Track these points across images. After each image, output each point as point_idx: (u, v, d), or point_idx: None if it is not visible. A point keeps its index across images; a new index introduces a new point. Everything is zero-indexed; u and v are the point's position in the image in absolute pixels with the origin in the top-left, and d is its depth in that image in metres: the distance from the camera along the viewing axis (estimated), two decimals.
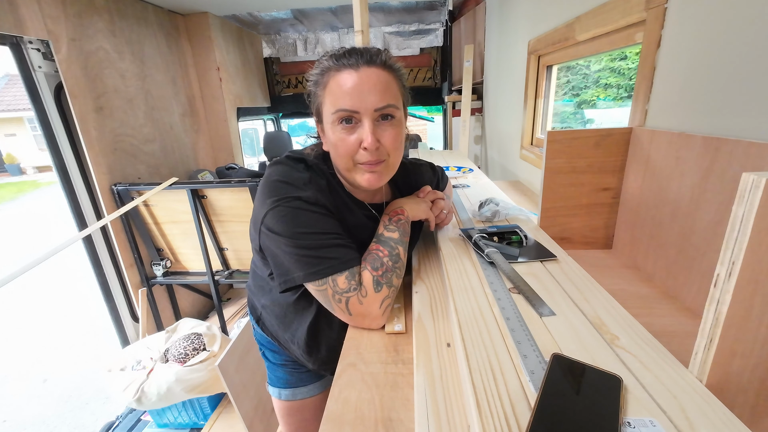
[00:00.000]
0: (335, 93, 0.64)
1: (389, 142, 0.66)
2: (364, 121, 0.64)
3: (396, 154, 0.70)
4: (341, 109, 0.63)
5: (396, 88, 0.67)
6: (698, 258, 0.65)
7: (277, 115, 4.18)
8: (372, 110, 0.63)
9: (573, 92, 6.89)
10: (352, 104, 0.63)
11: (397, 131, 0.67)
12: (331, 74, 0.65)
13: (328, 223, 0.65)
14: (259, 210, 0.66)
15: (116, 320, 2.15)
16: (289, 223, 0.62)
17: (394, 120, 0.66)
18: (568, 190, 0.90)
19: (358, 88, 0.62)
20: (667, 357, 0.44)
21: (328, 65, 0.65)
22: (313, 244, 0.63)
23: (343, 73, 0.63)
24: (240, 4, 2.60)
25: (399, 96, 0.68)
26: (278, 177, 0.67)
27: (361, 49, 0.65)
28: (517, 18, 1.91)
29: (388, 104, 0.64)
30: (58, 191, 1.90)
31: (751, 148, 0.54)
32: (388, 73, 0.65)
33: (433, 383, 0.50)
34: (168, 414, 1.80)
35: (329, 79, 0.65)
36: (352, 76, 0.63)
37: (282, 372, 0.90)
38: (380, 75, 0.64)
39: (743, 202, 0.35)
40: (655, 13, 0.80)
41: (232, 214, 2.04)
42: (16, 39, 1.62)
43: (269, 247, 0.66)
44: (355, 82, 0.62)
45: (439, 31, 3.58)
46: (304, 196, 0.64)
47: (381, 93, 0.63)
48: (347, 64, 0.63)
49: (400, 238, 0.71)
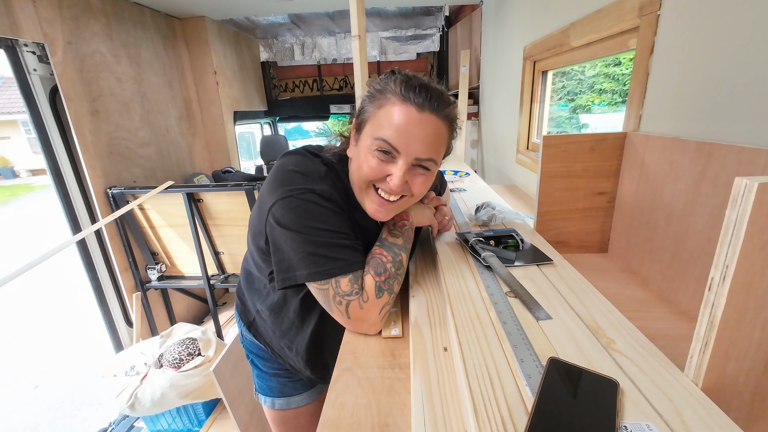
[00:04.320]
0: (387, 120, 0.60)
1: (417, 188, 0.66)
2: (400, 162, 0.62)
3: (416, 198, 0.69)
4: (384, 139, 0.60)
5: (445, 143, 0.65)
6: (693, 262, 0.65)
7: (273, 119, 4.18)
8: (414, 157, 0.61)
9: (568, 97, 6.96)
10: (398, 143, 0.60)
11: (428, 180, 0.67)
12: (393, 100, 0.61)
13: (338, 221, 0.64)
14: (268, 198, 0.63)
15: (110, 325, 2.13)
16: (300, 217, 0.60)
17: (429, 172, 0.65)
18: (563, 194, 0.91)
19: (410, 130, 0.59)
20: (663, 360, 0.44)
21: (395, 90, 0.61)
22: (321, 242, 0.61)
23: (405, 107, 0.60)
24: (237, 8, 2.60)
25: (443, 149, 0.66)
26: (294, 167, 0.64)
27: (434, 92, 0.61)
28: (512, 24, 1.93)
29: (430, 158, 0.62)
30: (53, 194, 1.89)
31: (743, 153, 0.55)
32: (446, 127, 0.64)
33: (430, 388, 0.50)
34: (162, 420, 1.78)
35: (387, 103, 0.61)
36: (412, 115, 0.59)
37: (274, 381, 0.88)
38: (438, 127, 0.62)
39: (736, 206, 0.36)
40: (649, 20, 0.81)
41: (228, 218, 2.03)
42: (11, 42, 1.61)
43: (272, 239, 0.63)
44: (412, 123, 0.59)
45: (435, 37, 3.60)
46: (319, 189, 0.62)
47: (430, 145, 0.61)
48: (413, 101, 0.59)
49: (404, 244, 0.71)
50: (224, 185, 1.91)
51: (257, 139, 4.19)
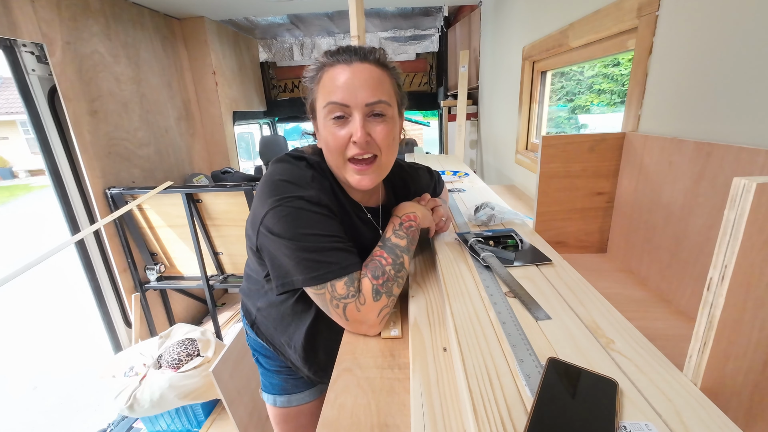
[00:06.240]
0: (327, 87, 0.64)
1: (380, 137, 0.66)
2: (354, 115, 0.63)
3: (388, 153, 0.69)
4: (332, 102, 0.63)
5: (389, 85, 0.67)
6: (691, 262, 0.65)
7: (273, 119, 4.18)
8: (363, 105, 0.63)
9: (567, 97, 6.97)
10: (342, 97, 0.62)
11: (389, 128, 0.66)
12: (325, 69, 0.65)
13: (329, 225, 0.64)
14: (259, 209, 0.64)
15: (109, 326, 2.13)
16: (291, 224, 0.61)
17: (386, 117, 0.66)
18: (562, 195, 0.91)
19: (349, 83, 0.62)
20: (662, 360, 0.44)
21: (323, 61, 0.66)
22: (313, 247, 0.62)
23: (336, 68, 0.64)
24: (236, 9, 2.60)
25: (392, 94, 0.67)
26: (280, 176, 0.65)
27: (355, 46, 0.66)
28: (511, 24, 1.93)
29: (379, 100, 0.64)
30: (51, 195, 1.88)
31: (741, 153, 0.55)
32: (382, 71, 0.66)
33: (430, 388, 0.50)
34: (161, 421, 1.77)
35: (323, 74, 0.66)
36: (344, 71, 0.63)
37: (277, 379, 0.89)
38: (372, 71, 0.64)
39: (735, 207, 0.36)
40: (647, 21, 0.81)
41: (227, 218, 2.02)
42: (10, 42, 1.61)
43: (267, 248, 0.65)
44: (347, 76, 0.63)
45: (434, 37, 3.61)
46: (307, 195, 0.63)
47: (372, 88, 0.63)
48: (341, 60, 0.64)
49: (407, 246, 0.70)
50: (223, 185, 1.91)
51: (256, 139, 4.19)
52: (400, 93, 0.71)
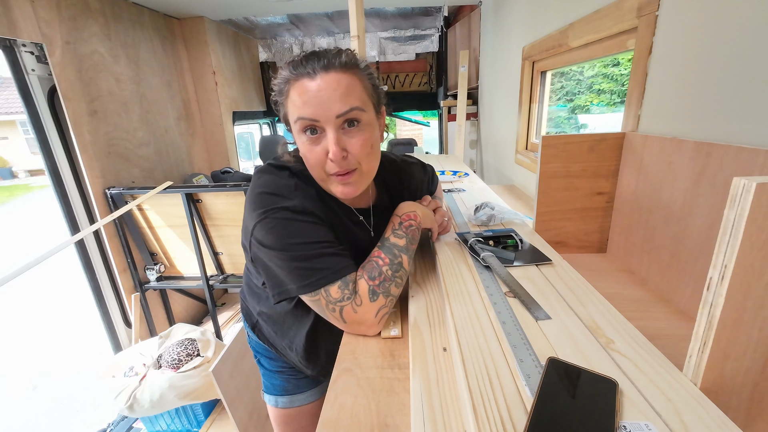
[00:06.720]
0: (296, 102, 0.61)
1: (357, 149, 0.62)
2: (327, 131, 0.61)
3: (368, 161, 0.66)
4: (301, 117, 0.60)
5: (360, 89, 0.62)
6: (691, 261, 0.65)
7: (272, 119, 4.17)
8: (333, 118, 0.60)
9: (567, 97, 6.97)
10: (312, 113, 0.60)
11: (365, 136, 0.63)
12: (291, 83, 0.62)
13: (317, 232, 0.64)
14: (248, 222, 0.65)
15: (108, 326, 2.12)
16: (278, 235, 0.61)
17: (361, 124, 0.62)
18: (562, 195, 0.91)
19: (316, 96, 0.59)
20: (661, 360, 0.44)
21: (287, 76, 0.62)
22: (303, 255, 0.61)
23: (301, 82, 0.60)
24: (236, 8, 2.60)
25: (365, 97, 0.63)
26: (262, 188, 0.65)
27: (319, 52, 0.62)
28: (511, 24, 1.93)
29: (351, 108, 0.60)
30: (51, 195, 1.88)
31: (741, 153, 0.55)
32: (351, 75, 0.61)
33: (430, 388, 0.50)
34: (161, 421, 1.77)
35: (289, 89, 0.62)
36: (309, 84, 0.59)
37: (279, 379, 0.89)
38: (340, 79, 0.60)
39: (734, 206, 0.36)
40: (647, 21, 0.81)
41: (227, 218, 2.02)
42: (9, 42, 1.60)
43: (260, 259, 0.65)
44: (313, 90, 0.59)
45: (434, 37, 3.61)
46: (291, 205, 0.63)
47: (341, 98, 0.59)
48: (303, 73, 0.60)
49: (407, 245, 0.70)
50: (223, 185, 1.91)
51: (256, 139, 4.19)
52: (376, 92, 0.66)
